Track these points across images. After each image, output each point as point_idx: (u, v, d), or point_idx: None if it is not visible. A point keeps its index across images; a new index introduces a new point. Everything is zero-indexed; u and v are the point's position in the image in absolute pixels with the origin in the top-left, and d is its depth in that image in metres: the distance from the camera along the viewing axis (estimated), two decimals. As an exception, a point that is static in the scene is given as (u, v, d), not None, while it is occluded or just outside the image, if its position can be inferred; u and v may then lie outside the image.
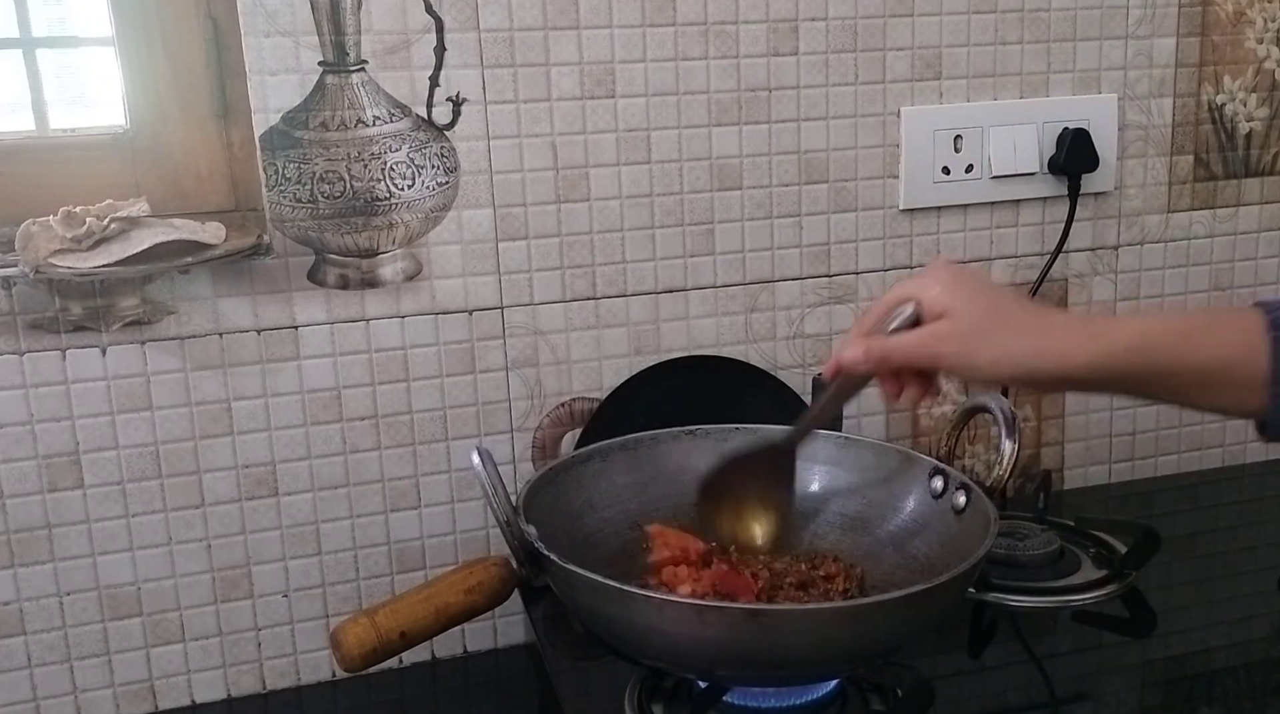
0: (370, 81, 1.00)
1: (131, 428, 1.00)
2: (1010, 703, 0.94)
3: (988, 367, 0.74)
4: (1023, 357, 0.74)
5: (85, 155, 1.00)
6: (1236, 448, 1.35)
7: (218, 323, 1.01)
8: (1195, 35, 1.22)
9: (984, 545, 0.83)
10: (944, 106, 1.16)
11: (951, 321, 0.75)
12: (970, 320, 0.75)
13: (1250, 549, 1.18)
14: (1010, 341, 0.74)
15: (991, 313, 0.75)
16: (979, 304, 0.75)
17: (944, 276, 0.77)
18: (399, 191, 1.02)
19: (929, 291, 0.76)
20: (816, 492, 1.00)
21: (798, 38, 1.10)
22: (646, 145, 1.08)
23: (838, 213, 1.15)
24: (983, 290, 0.77)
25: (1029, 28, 1.16)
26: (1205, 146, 1.25)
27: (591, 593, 0.80)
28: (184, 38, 1.00)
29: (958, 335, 0.75)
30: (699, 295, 1.13)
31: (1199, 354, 0.72)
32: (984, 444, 1.25)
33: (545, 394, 1.10)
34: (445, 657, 1.12)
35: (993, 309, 0.75)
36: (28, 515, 0.99)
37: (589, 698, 0.93)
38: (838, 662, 0.82)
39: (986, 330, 0.74)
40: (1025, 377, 0.75)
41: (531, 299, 1.08)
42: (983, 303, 0.75)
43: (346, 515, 1.07)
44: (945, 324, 0.75)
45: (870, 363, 0.77)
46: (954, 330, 0.75)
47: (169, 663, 1.05)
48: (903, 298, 0.77)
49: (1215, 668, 0.96)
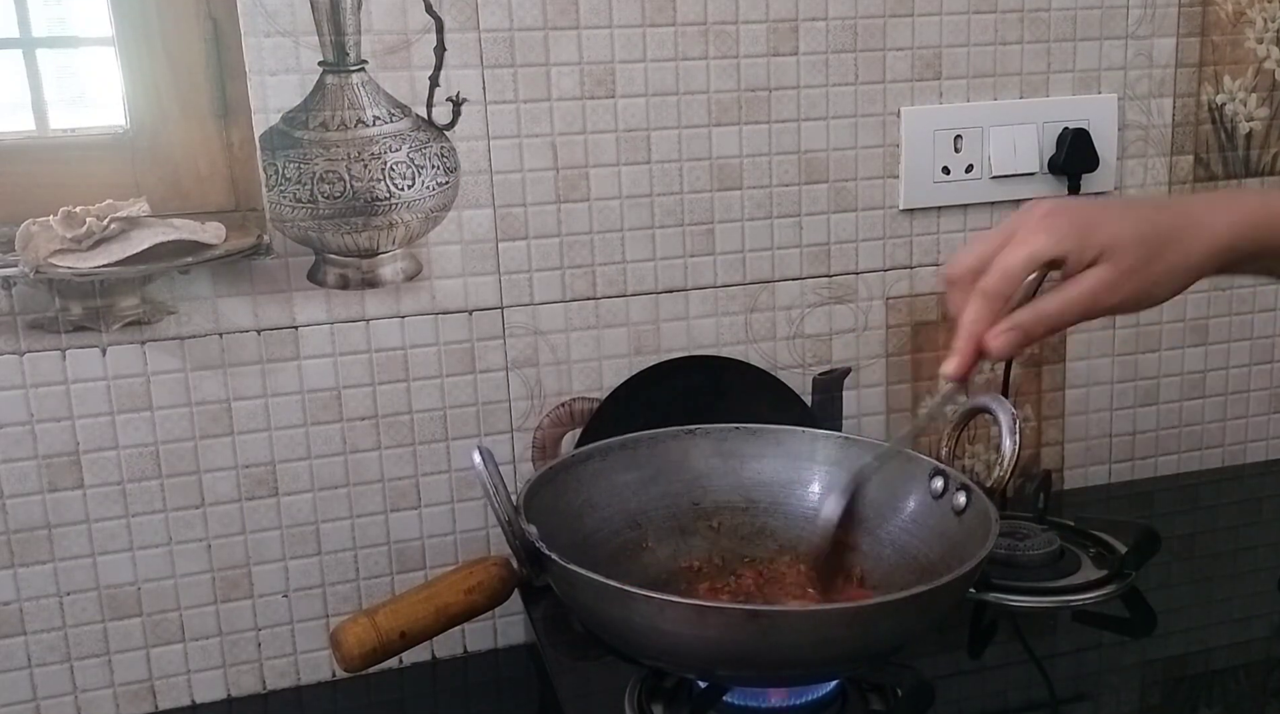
0: (370, 81, 1.00)
1: (131, 428, 1.00)
2: (1010, 703, 0.94)
3: (1171, 292, 0.69)
4: (1198, 265, 0.68)
5: (85, 155, 1.00)
6: (1236, 448, 1.35)
7: (218, 323, 1.01)
8: (1195, 35, 1.22)
9: (985, 546, 0.82)
10: (944, 106, 1.16)
11: (1112, 265, 0.67)
12: (1131, 256, 0.67)
13: (1250, 549, 1.18)
14: (1184, 257, 0.68)
15: (1143, 235, 0.67)
16: (1124, 233, 0.67)
17: (1064, 223, 0.68)
18: (399, 191, 1.02)
19: (1065, 244, 0.68)
20: (816, 491, 1.00)
21: (798, 38, 1.10)
22: (646, 145, 1.08)
23: (838, 213, 1.15)
24: (1117, 217, 0.69)
25: (1029, 28, 1.16)
26: (1205, 146, 1.25)
27: (591, 593, 0.80)
28: (184, 38, 1.00)
29: (1128, 277, 0.67)
30: (699, 295, 1.13)
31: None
32: (984, 444, 1.25)
33: (545, 394, 1.10)
34: (445, 657, 1.12)
35: (1141, 230, 0.68)
36: (28, 515, 0.99)
37: (589, 698, 0.93)
38: (838, 662, 0.82)
39: (1151, 256, 0.67)
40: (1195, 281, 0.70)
41: (531, 299, 1.08)
42: (1131, 228, 0.68)
43: (346, 515, 1.07)
44: (1108, 271, 0.67)
45: (1031, 343, 0.69)
46: (1122, 274, 0.67)
47: (169, 663, 1.05)
48: (1036, 263, 0.69)
49: (1215, 668, 0.96)
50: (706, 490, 1.00)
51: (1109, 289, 0.67)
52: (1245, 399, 1.33)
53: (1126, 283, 0.67)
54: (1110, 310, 0.69)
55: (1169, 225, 0.68)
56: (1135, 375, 1.29)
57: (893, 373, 1.20)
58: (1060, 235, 0.68)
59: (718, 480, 1.00)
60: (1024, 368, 1.25)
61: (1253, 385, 1.33)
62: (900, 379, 1.21)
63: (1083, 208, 0.70)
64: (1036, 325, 0.69)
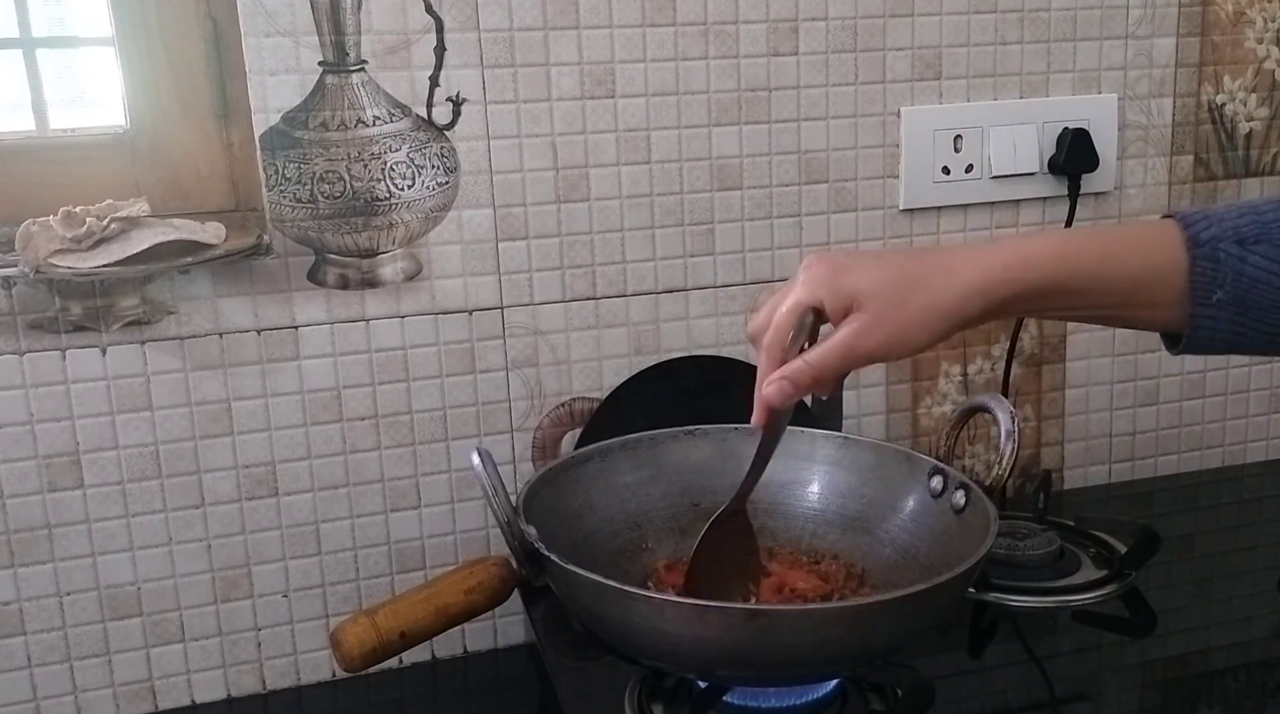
0: (370, 81, 1.00)
1: (131, 428, 1.00)
2: (1010, 703, 0.94)
3: (923, 337, 0.70)
4: (950, 309, 0.69)
5: (85, 155, 1.00)
6: (1236, 448, 1.35)
7: (218, 323, 1.01)
8: (1195, 35, 1.22)
9: (984, 545, 0.83)
10: (944, 106, 1.16)
11: (865, 311, 0.70)
12: (882, 300, 0.69)
13: (1250, 549, 1.18)
14: (932, 300, 0.69)
15: (895, 281, 0.69)
16: (878, 279, 0.70)
17: (820, 272, 0.71)
18: (399, 191, 1.02)
19: (818, 292, 0.71)
20: (816, 491, 1.00)
21: (798, 38, 1.10)
22: (646, 145, 1.08)
23: (838, 213, 1.15)
24: (869, 264, 0.71)
25: (1029, 28, 1.16)
26: (1205, 146, 1.25)
27: (591, 593, 0.80)
28: (184, 38, 1.00)
29: (879, 322, 0.69)
30: (699, 295, 1.13)
31: (1118, 274, 0.69)
32: (984, 444, 1.25)
33: (545, 394, 1.10)
34: (445, 657, 1.12)
35: (888, 276, 0.70)
36: (28, 515, 0.99)
37: (589, 698, 0.93)
38: (838, 662, 0.82)
39: (902, 301, 0.69)
40: (958, 327, 0.71)
41: (531, 299, 1.08)
42: (880, 276, 0.70)
43: (346, 515, 1.07)
44: (861, 318, 0.70)
45: (802, 392, 0.72)
46: (874, 319, 0.69)
47: (169, 663, 1.05)
48: (798, 311, 0.72)
49: (1215, 668, 0.96)
50: (706, 490, 1.00)
51: (862, 335, 0.70)
52: (1245, 399, 1.33)
53: (878, 328, 0.69)
54: (870, 356, 0.71)
55: (917, 271, 0.70)
56: (1135, 375, 1.29)
57: (893, 373, 1.20)
58: (814, 286, 0.71)
59: (718, 480, 1.00)
60: (1024, 368, 1.25)
61: (1253, 385, 1.33)
62: (900, 379, 1.21)
63: (838, 258, 0.72)
64: (802, 374, 0.71)
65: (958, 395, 1.22)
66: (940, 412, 1.23)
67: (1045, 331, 1.25)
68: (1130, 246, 0.71)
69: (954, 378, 1.22)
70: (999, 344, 1.23)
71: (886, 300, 0.69)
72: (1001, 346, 1.23)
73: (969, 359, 1.23)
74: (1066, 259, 0.70)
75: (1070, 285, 0.70)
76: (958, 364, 1.22)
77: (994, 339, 1.23)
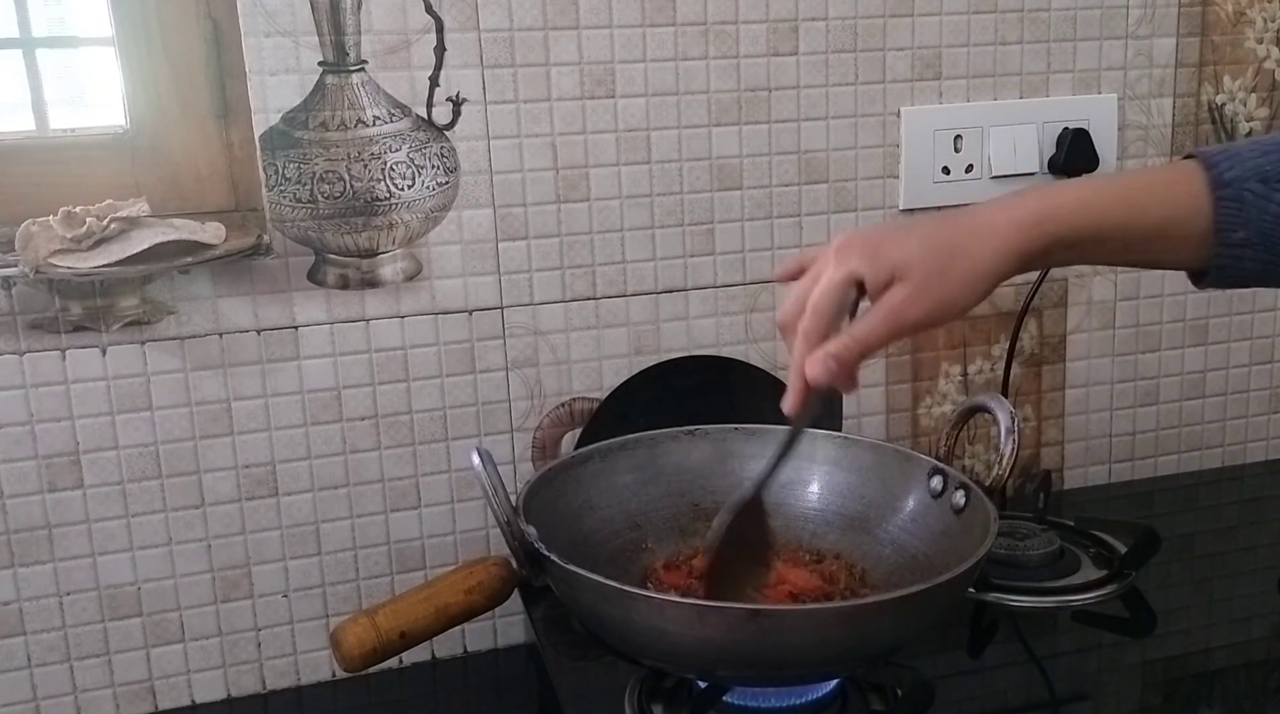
0: (370, 81, 1.00)
1: (131, 428, 1.00)
2: (1010, 703, 0.94)
3: (970, 300, 0.70)
4: (989, 272, 0.70)
5: (85, 155, 1.00)
6: (1236, 448, 1.35)
7: (218, 323, 1.01)
8: (1195, 35, 1.22)
9: (984, 545, 0.83)
10: (944, 106, 1.16)
11: (907, 281, 0.70)
12: (923, 268, 0.69)
13: (1250, 549, 1.18)
14: (973, 266, 0.70)
15: (935, 249, 0.70)
16: (915, 248, 0.70)
17: (856, 247, 0.71)
18: (399, 191, 1.02)
19: (859, 267, 0.70)
20: (816, 491, 1.00)
21: (798, 38, 1.10)
22: (646, 145, 1.08)
23: (838, 213, 1.15)
24: (904, 235, 0.71)
25: (1029, 28, 1.16)
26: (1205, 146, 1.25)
27: (591, 593, 0.80)
28: (184, 38, 1.00)
29: (924, 290, 0.69)
30: (699, 295, 1.13)
31: (1143, 220, 0.70)
32: (984, 444, 1.25)
33: (545, 394, 1.10)
34: (445, 657, 1.12)
35: (927, 246, 0.70)
36: (28, 515, 0.99)
37: (589, 698, 0.93)
38: (838, 662, 0.82)
39: (943, 267, 0.69)
40: (998, 285, 0.71)
41: (531, 299, 1.08)
42: (917, 245, 0.70)
43: (346, 515, 1.07)
44: (903, 288, 0.70)
45: (848, 368, 0.71)
46: (918, 288, 0.69)
47: (169, 663, 1.05)
48: (839, 288, 0.71)
49: (1215, 668, 0.96)
50: (706, 490, 1.00)
51: (909, 303, 0.70)
52: (1245, 399, 1.33)
53: (925, 296, 0.70)
54: (917, 325, 0.71)
55: (953, 238, 0.71)
56: (1135, 375, 1.29)
57: (892, 373, 1.21)
58: (854, 262, 0.71)
59: (718, 480, 1.00)
60: (1024, 368, 1.25)
61: (1253, 385, 1.33)
62: (900, 379, 1.21)
63: (871, 233, 0.73)
64: (848, 348, 0.71)
65: (958, 395, 1.22)
66: (940, 412, 1.23)
67: (1045, 332, 1.25)
68: (1154, 191, 0.71)
69: (954, 378, 1.22)
70: (999, 344, 1.23)
71: (929, 268, 0.69)
72: (1001, 347, 1.23)
73: (969, 359, 1.23)
74: (1090, 209, 0.71)
75: (1096, 234, 0.71)
76: (958, 364, 1.22)
77: (994, 339, 1.23)
